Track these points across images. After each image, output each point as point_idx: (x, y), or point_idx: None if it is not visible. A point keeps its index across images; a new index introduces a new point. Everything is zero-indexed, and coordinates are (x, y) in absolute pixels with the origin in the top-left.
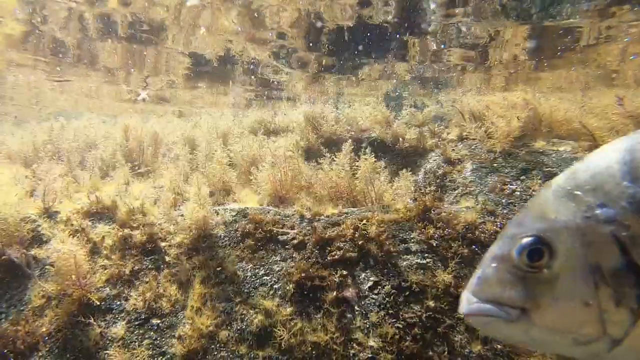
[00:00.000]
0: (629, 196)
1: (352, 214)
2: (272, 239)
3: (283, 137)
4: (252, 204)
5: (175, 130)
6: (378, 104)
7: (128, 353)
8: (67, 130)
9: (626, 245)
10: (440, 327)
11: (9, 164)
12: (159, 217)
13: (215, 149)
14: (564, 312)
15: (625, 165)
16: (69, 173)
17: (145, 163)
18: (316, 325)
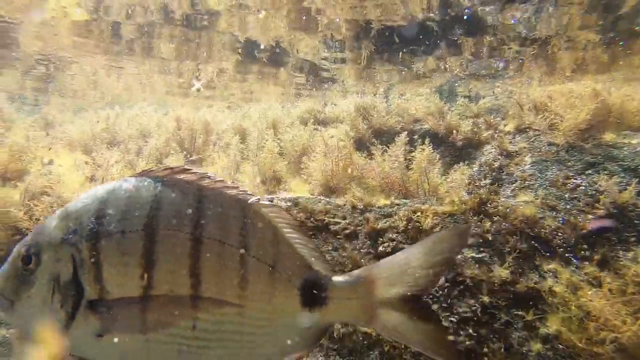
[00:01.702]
0: (88, 229)
1: (405, 206)
2: (323, 229)
3: (333, 127)
4: (302, 194)
5: (225, 120)
6: (431, 95)
7: None
8: (122, 118)
9: (76, 264)
10: (496, 324)
11: (70, 151)
12: None
13: (266, 138)
14: (32, 307)
15: (99, 204)
16: (124, 160)
17: (196, 151)
18: None
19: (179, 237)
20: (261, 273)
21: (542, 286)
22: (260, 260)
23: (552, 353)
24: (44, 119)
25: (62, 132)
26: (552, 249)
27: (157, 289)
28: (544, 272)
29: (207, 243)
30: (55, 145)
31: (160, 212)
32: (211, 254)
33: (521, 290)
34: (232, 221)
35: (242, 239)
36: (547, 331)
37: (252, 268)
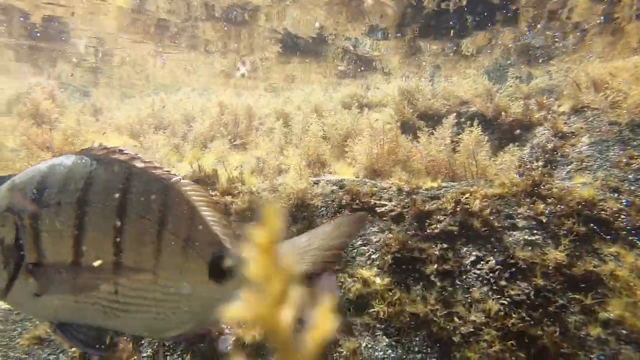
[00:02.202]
0: (29, 199)
1: (453, 188)
2: (369, 210)
3: (376, 111)
4: (347, 177)
5: (267, 105)
6: (479, 77)
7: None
8: (167, 104)
9: (18, 231)
10: (551, 307)
11: (118, 136)
12: (257, 186)
13: (310, 122)
14: None
15: (41, 177)
16: (170, 144)
17: (239, 136)
18: (415, 296)
19: (107, 210)
20: (175, 246)
21: (602, 270)
22: (175, 235)
23: (614, 338)
24: (92, 106)
25: (110, 117)
26: (613, 232)
27: (85, 256)
28: (604, 255)
29: (130, 217)
30: (104, 130)
31: (92, 187)
32: (132, 227)
33: (578, 274)
34: (153, 198)
35: (161, 215)
36: (608, 316)
37: (168, 241)
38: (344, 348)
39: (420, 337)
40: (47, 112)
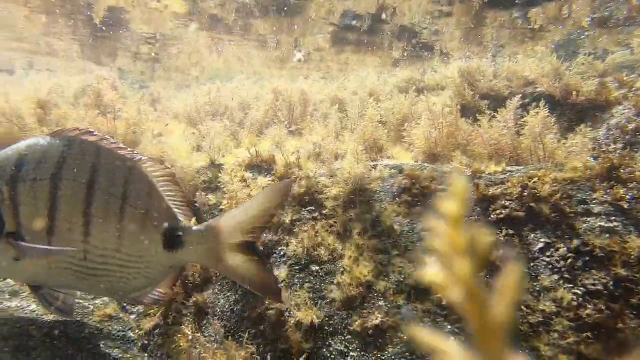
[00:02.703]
0: (8, 175)
1: (519, 172)
2: (429, 195)
3: (433, 95)
4: (405, 161)
5: (322, 91)
6: (546, 54)
7: (291, 294)
8: (222, 92)
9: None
10: (634, 298)
11: (176, 123)
12: (314, 170)
13: (366, 106)
14: None
15: (19, 156)
16: (227, 130)
17: (294, 121)
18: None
19: (76, 185)
20: (135, 219)
21: None
22: (135, 208)
23: None
24: (150, 95)
25: (167, 106)
26: None
27: (57, 226)
28: None
29: (96, 191)
30: (162, 118)
31: (64, 164)
32: (99, 201)
33: None
34: (117, 175)
35: (124, 190)
36: None
37: (129, 214)
38: (404, 333)
39: None
40: (111, 102)
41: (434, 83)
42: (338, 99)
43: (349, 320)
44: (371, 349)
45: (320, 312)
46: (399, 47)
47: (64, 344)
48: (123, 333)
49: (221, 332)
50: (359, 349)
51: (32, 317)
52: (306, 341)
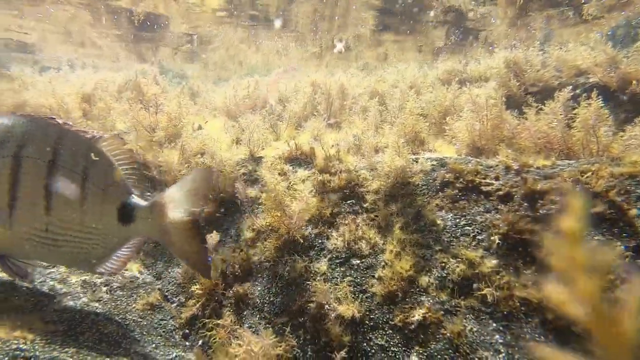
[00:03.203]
0: None
1: (570, 166)
2: (474, 190)
3: (477, 87)
4: (448, 154)
5: (360, 84)
6: (600, 43)
7: (331, 287)
8: (261, 85)
9: None
10: None
11: (215, 117)
12: (354, 164)
13: (407, 99)
14: None
15: None
16: (266, 123)
17: (333, 115)
18: (526, 281)
19: (39, 163)
20: (95, 194)
21: None
22: (94, 185)
23: None
24: (190, 89)
25: (207, 100)
26: None
27: (21, 199)
28: None
29: (58, 169)
30: (202, 112)
31: (26, 143)
32: (61, 177)
33: None
34: (78, 154)
35: (84, 168)
36: None
37: (88, 190)
38: (447, 330)
39: (532, 324)
40: (154, 96)
41: (477, 74)
42: (377, 92)
43: (390, 315)
44: (413, 345)
45: (361, 306)
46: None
47: (110, 330)
48: (165, 322)
49: (261, 324)
50: (400, 344)
51: (79, 303)
52: (347, 335)
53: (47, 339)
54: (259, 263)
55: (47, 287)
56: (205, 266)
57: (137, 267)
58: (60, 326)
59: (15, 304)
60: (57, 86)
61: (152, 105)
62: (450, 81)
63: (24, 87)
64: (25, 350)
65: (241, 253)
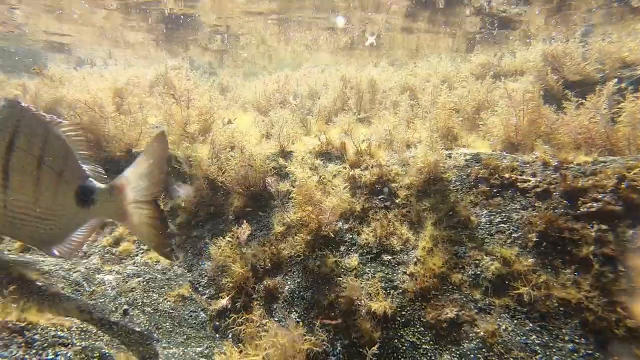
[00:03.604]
0: None
1: (614, 162)
2: (509, 186)
3: (512, 80)
4: (482, 150)
5: (391, 78)
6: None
7: (362, 283)
8: (291, 80)
9: None
10: None
11: (245, 112)
12: (386, 159)
13: (439, 93)
14: None
15: None
16: (296, 118)
17: (363, 109)
18: (565, 280)
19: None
20: (51, 177)
21: None
22: (51, 168)
23: None
24: (220, 84)
25: (237, 94)
26: None
27: None
28: None
29: (17, 151)
30: (232, 107)
31: None
32: (19, 159)
33: None
34: (37, 138)
35: (42, 151)
36: None
37: (45, 173)
38: (480, 328)
39: (572, 326)
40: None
41: (512, 68)
42: (408, 87)
43: (422, 312)
44: (445, 343)
45: (392, 302)
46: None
47: (142, 321)
48: (195, 313)
49: (291, 317)
50: (432, 341)
51: (111, 294)
52: (377, 331)
53: (83, 327)
54: (289, 257)
55: (82, 276)
56: (166, 247)
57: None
58: (95, 315)
59: (53, 292)
60: (92, 82)
61: (183, 100)
62: (484, 75)
63: (60, 83)
64: (62, 337)
65: (271, 247)
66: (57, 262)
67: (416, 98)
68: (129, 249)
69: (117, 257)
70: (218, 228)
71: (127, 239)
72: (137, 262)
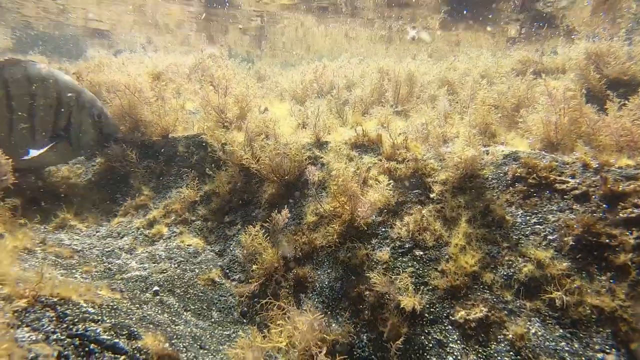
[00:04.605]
0: None
1: None
2: (547, 187)
3: (553, 78)
4: (521, 148)
5: (430, 71)
6: None
7: (392, 277)
8: (328, 70)
9: None
10: None
11: (281, 101)
12: (423, 153)
13: (478, 88)
14: None
15: None
16: (333, 108)
17: (400, 102)
18: (599, 287)
19: None
20: None
21: None
22: None
23: None
24: (256, 73)
25: (273, 83)
26: None
27: None
28: None
29: None
30: (268, 95)
31: None
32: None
33: None
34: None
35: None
36: None
37: None
38: (509, 331)
39: (603, 335)
40: (223, 79)
41: (554, 65)
42: (447, 81)
43: (451, 310)
44: (473, 343)
45: (422, 298)
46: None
47: (172, 302)
48: (224, 298)
49: (319, 307)
50: (459, 341)
51: (142, 275)
52: (404, 326)
53: (113, 305)
54: (320, 247)
55: (114, 255)
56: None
57: (201, 243)
58: (126, 294)
59: (85, 270)
60: (131, 67)
61: (221, 87)
62: (525, 71)
63: (100, 68)
64: (93, 314)
65: (303, 236)
66: (91, 241)
67: (455, 92)
68: (161, 231)
69: (149, 239)
70: (250, 215)
71: (160, 221)
72: (169, 245)
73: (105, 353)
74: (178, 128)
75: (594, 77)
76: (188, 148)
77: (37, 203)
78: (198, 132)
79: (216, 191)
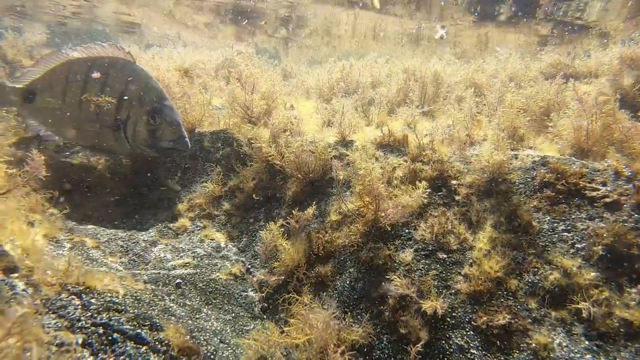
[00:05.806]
0: None
1: None
2: (576, 193)
3: (585, 83)
4: (550, 153)
5: (457, 72)
6: None
7: (414, 278)
8: (354, 69)
9: None
10: None
11: (307, 99)
12: (449, 155)
13: (506, 91)
14: None
15: None
16: (359, 108)
17: (427, 103)
18: (629, 300)
19: None
20: None
21: None
22: None
23: None
24: (283, 70)
25: (300, 81)
26: None
27: None
28: None
29: None
30: (294, 93)
31: None
32: None
33: None
34: None
35: None
36: None
37: None
38: (532, 340)
39: (631, 350)
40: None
41: (586, 70)
42: (474, 82)
43: (473, 316)
44: (494, 351)
45: (444, 302)
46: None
47: (193, 295)
48: (245, 293)
49: (339, 307)
50: (480, 347)
51: (168, 266)
52: (425, 330)
53: (137, 295)
54: (342, 246)
55: (139, 247)
56: None
57: (224, 238)
58: (149, 285)
59: (111, 261)
60: (160, 62)
61: (248, 84)
62: (555, 75)
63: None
64: (117, 303)
65: (326, 235)
66: (116, 232)
67: (482, 95)
68: (185, 225)
69: (173, 232)
70: (274, 212)
71: (184, 215)
72: (192, 238)
73: (127, 342)
74: (204, 123)
75: (627, 82)
76: (213, 143)
77: (68, 193)
78: (224, 127)
79: (240, 187)
